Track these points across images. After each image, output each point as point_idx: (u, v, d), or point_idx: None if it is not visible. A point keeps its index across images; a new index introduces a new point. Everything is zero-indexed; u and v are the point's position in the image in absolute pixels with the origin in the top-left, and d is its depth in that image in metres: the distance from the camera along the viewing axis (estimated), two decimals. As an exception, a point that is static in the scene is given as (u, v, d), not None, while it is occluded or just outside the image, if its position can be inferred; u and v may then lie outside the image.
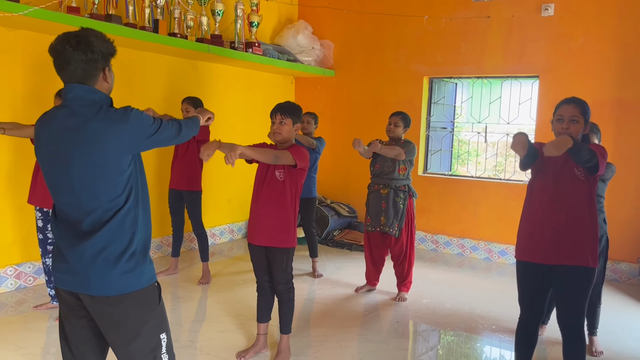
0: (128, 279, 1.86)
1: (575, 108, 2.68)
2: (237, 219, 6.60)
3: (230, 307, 4.22)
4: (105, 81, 1.91)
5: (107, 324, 1.88)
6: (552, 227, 2.70)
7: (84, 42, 1.83)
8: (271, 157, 2.93)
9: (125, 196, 1.86)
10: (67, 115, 1.85)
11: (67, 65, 1.84)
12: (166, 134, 1.98)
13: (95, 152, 1.79)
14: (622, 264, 5.31)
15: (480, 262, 5.94)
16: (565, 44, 5.50)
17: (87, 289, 1.84)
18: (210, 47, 5.29)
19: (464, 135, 6.86)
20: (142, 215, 1.93)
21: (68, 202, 1.87)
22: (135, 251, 1.88)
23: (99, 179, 1.82)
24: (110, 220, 1.83)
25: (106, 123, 1.81)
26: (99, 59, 1.87)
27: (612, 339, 3.82)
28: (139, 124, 1.86)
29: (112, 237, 1.83)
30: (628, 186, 5.23)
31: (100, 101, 1.87)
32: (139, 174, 1.94)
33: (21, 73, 4.37)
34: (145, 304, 1.92)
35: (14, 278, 4.43)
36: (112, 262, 1.83)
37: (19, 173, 4.39)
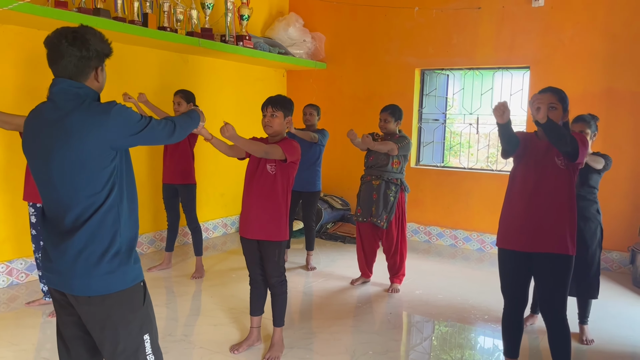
0: (110, 279, 1.83)
1: (552, 95, 2.71)
2: (230, 213, 6.60)
3: (224, 301, 4.23)
4: (96, 80, 1.89)
5: (91, 323, 1.87)
6: (532, 215, 2.73)
7: (80, 39, 1.81)
8: (262, 151, 2.94)
9: (106, 193, 1.82)
10: (49, 109, 1.83)
11: (60, 59, 1.82)
12: (155, 133, 1.94)
13: (75, 145, 1.76)
14: (613, 253, 5.35)
15: (473, 253, 5.97)
16: (555, 35, 5.51)
17: (70, 288, 1.83)
18: (201, 40, 5.26)
19: (456, 126, 6.88)
20: (126, 213, 1.89)
21: (50, 197, 1.85)
22: (118, 251, 1.85)
23: (78, 173, 1.79)
24: (90, 218, 1.80)
25: (87, 116, 1.78)
26: (93, 57, 1.85)
27: (603, 327, 3.85)
28: (121, 119, 1.82)
29: (93, 235, 1.80)
30: (618, 176, 5.26)
31: (85, 95, 1.84)
32: (125, 170, 1.90)
33: (11, 68, 4.33)
34: (128, 304, 1.89)
35: (6, 275, 4.42)
36: (93, 261, 1.80)
37: (10, 169, 4.36)
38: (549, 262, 2.72)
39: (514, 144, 2.71)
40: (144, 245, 5.54)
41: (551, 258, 2.71)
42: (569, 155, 2.63)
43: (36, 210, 3.81)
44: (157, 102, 4.98)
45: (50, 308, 3.92)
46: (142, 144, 1.94)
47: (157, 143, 2.02)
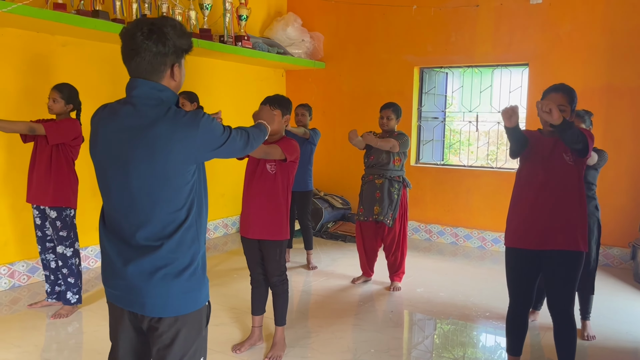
0: (186, 300, 1.72)
1: (563, 97, 2.69)
2: (231, 213, 6.60)
3: (225, 301, 4.24)
4: (172, 79, 1.73)
5: (157, 343, 1.75)
6: (542, 213, 2.72)
7: (157, 32, 1.65)
8: (262, 152, 2.94)
9: (187, 210, 1.69)
10: (130, 114, 1.67)
11: (134, 55, 1.66)
12: (235, 146, 1.83)
13: (160, 157, 1.63)
14: (614, 249, 5.36)
15: (473, 251, 5.98)
16: (554, 31, 5.51)
17: (141, 308, 1.71)
18: (199, 41, 5.27)
19: (456, 124, 6.88)
20: (204, 229, 1.78)
21: (123, 208, 1.70)
22: (196, 269, 1.74)
23: (161, 187, 1.65)
24: (172, 235, 1.67)
25: (174, 127, 1.63)
26: (170, 54, 1.68)
27: (604, 323, 3.86)
28: (209, 132, 1.69)
29: (173, 254, 1.68)
30: (619, 171, 5.27)
31: (168, 100, 1.70)
32: (202, 184, 1.77)
33: (11, 71, 4.33)
34: (196, 325, 1.78)
35: (8, 277, 4.42)
36: (170, 281, 1.68)
37: (12, 172, 4.37)
38: (560, 259, 2.71)
39: (523, 144, 2.71)
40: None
41: (562, 255, 2.70)
42: (580, 151, 2.63)
43: (40, 212, 3.82)
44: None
45: (53, 309, 3.94)
46: (220, 157, 1.83)
47: (232, 156, 1.91)
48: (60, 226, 3.76)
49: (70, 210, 3.79)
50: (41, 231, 3.87)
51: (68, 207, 3.76)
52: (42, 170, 3.71)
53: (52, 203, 3.71)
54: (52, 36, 4.55)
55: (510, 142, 2.72)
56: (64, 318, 3.81)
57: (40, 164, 3.72)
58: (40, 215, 3.84)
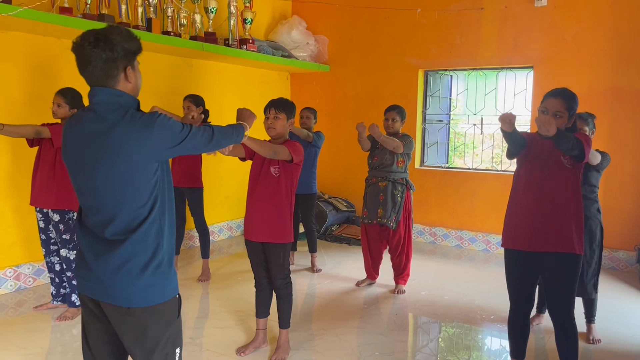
0: (152, 291, 1.81)
1: (561, 103, 2.69)
2: (235, 216, 6.61)
3: (230, 304, 4.24)
4: (127, 81, 1.81)
5: (127, 334, 1.84)
6: (538, 214, 2.72)
7: (103, 40, 1.73)
8: (271, 151, 2.94)
9: (150, 206, 1.79)
10: (92, 120, 1.77)
11: (87, 64, 1.75)
12: (195, 142, 1.89)
13: (120, 159, 1.73)
14: (619, 252, 5.33)
15: (478, 253, 5.96)
16: (559, 34, 5.50)
17: (111, 298, 1.79)
18: (204, 44, 5.29)
19: (460, 127, 6.87)
20: (168, 224, 1.86)
21: (93, 207, 1.81)
22: (160, 262, 1.82)
23: (124, 186, 1.75)
24: (135, 230, 1.77)
25: (131, 129, 1.73)
26: (120, 58, 1.76)
27: (609, 326, 3.84)
28: (165, 131, 1.77)
29: (137, 247, 1.78)
30: (624, 175, 5.25)
31: (126, 104, 1.80)
32: (166, 181, 1.86)
33: (16, 75, 4.36)
34: (165, 317, 1.86)
35: (14, 279, 4.45)
36: (137, 273, 1.77)
37: (18, 174, 4.40)
38: (556, 261, 2.71)
39: (520, 145, 2.72)
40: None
41: (558, 257, 2.71)
42: (576, 157, 2.64)
43: (43, 216, 3.85)
44: (162, 106, 4.97)
45: (58, 312, 3.95)
46: (183, 154, 1.90)
47: (196, 152, 1.97)
48: (64, 229, 3.77)
49: (73, 213, 3.81)
50: (45, 234, 3.89)
51: (71, 209, 3.78)
52: (45, 173, 3.73)
53: (55, 206, 3.73)
54: (58, 40, 4.58)
55: (508, 143, 2.73)
56: (69, 320, 3.82)
57: (44, 167, 3.75)
58: (43, 219, 3.86)
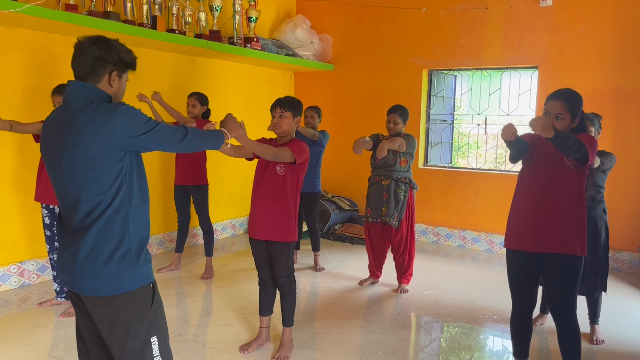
0: (119, 280, 1.84)
1: (562, 105, 2.68)
2: (239, 214, 6.62)
3: (233, 302, 4.25)
4: (109, 84, 1.90)
5: (100, 323, 1.89)
6: (540, 216, 2.72)
7: (102, 40, 1.87)
8: (272, 155, 2.93)
9: (114, 192, 1.83)
10: (62, 110, 1.89)
11: (79, 56, 1.87)
12: (164, 137, 1.91)
13: (83, 143, 1.79)
14: (623, 253, 5.32)
15: (481, 254, 5.96)
16: (564, 34, 5.49)
17: (80, 288, 1.86)
18: (209, 42, 5.30)
19: (464, 127, 6.86)
20: (136, 214, 1.89)
21: (63, 197, 1.89)
22: (127, 251, 1.86)
23: (86, 171, 1.81)
24: (99, 218, 1.82)
25: (94, 117, 1.80)
26: (110, 61, 1.87)
27: (613, 328, 3.83)
28: (127, 119, 1.82)
29: (101, 236, 1.82)
30: (628, 175, 5.23)
31: (95, 96, 1.86)
32: (136, 171, 1.90)
33: (20, 72, 4.38)
34: (136, 305, 1.89)
35: (18, 275, 4.46)
36: (102, 262, 1.82)
37: (23, 171, 4.41)
38: (558, 262, 2.71)
39: (522, 150, 2.73)
40: (153, 246, 5.58)
41: (560, 258, 2.70)
42: (580, 160, 2.63)
43: (49, 212, 3.86)
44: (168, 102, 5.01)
45: (62, 308, 3.96)
46: (151, 148, 1.92)
47: (166, 148, 1.98)
48: None
49: None
50: (50, 230, 3.90)
51: None
52: None
53: None
54: (63, 37, 4.59)
55: (510, 149, 2.73)
56: (73, 317, 3.83)
57: None
58: (49, 215, 3.87)
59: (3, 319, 3.82)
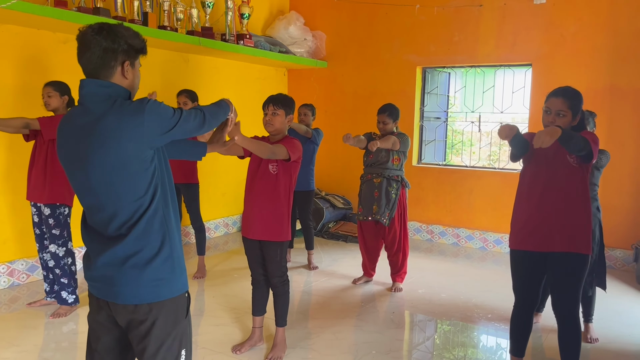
0: (158, 286, 1.73)
1: (563, 102, 2.66)
2: (232, 212, 6.58)
3: (226, 301, 4.21)
4: (123, 76, 1.75)
5: (135, 332, 1.77)
6: (545, 215, 2.70)
7: (107, 29, 1.71)
8: (268, 152, 2.88)
9: (150, 196, 1.72)
10: (80, 114, 1.72)
11: (86, 50, 1.71)
12: (189, 126, 1.82)
13: (112, 149, 1.65)
14: (616, 251, 5.33)
15: (475, 252, 5.95)
16: (557, 31, 5.48)
17: (116, 296, 1.73)
18: (201, 39, 5.24)
19: (458, 125, 6.85)
20: (173, 216, 1.79)
21: (91, 205, 1.75)
22: (168, 256, 1.75)
23: (119, 178, 1.68)
24: (137, 223, 1.70)
25: (120, 117, 1.66)
26: (120, 50, 1.71)
27: (607, 326, 3.83)
28: (156, 116, 1.70)
29: (140, 241, 1.71)
30: (622, 173, 5.24)
31: (115, 95, 1.72)
32: (165, 171, 1.80)
33: (10, 68, 4.31)
34: (172, 314, 1.79)
35: (7, 275, 4.40)
36: (141, 268, 1.71)
37: (13, 170, 4.35)
38: (564, 261, 2.69)
39: (523, 148, 2.70)
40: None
41: (566, 257, 2.68)
42: (584, 158, 2.61)
43: (38, 210, 3.81)
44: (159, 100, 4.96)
45: (52, 308, 3.91)
46: (177, 138, 1.84)
47: (189, 135, 1.88)
48: (54, 224, 3.73)
49: (64, 208, 3.76)
50: (39, 229, 3.86)
51: (63, 204, 3.74)
52: (39, 168, 3.69)
53: (47, 200, 3.68)
54: (53, 33, 4.53)
55: (512, 147, 2.70)
56: (63, 317, 3.79)
57: (38, 161, 3.70)
58: (37, 213, 3.82)
59: (-8, 319, 3.78)
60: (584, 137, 2.53)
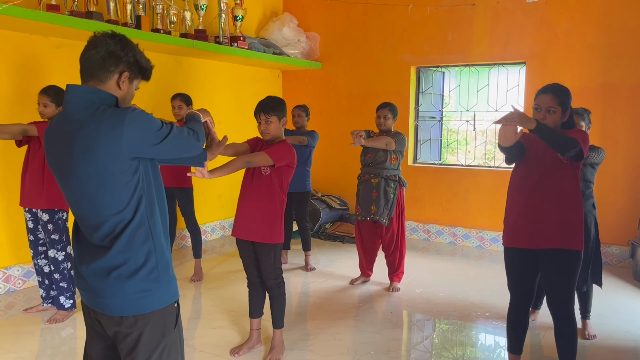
0: (144, 298, 1.70)
1: (553, 99, 2.67)
2: (228, 215, 6.56)
3: (223, 304, 4.20)
4: (117, 86, 1.71)
5: (121, 344, 1.75)
6: (536, 212, 2.71)
7: (121, 37, 1.71)
8: (242, 164, 2.92)
9: (133, 208, 1.67)
10: (64, 120, 1.68)
11: (91, 48, 1.68)
12: (181, 143, 1.76)
13: (90, 161, 1.61)
14: (613, 247, 5.34)
15: (472, 250, 5.96)
16: (551, 29, 5.50)
17: (102, 307, 1.72)
18: (195, 42, 5.24)
19: (453, 124, 6.86)
20: (159, 227, 1.75)
21: (77, 213, 1.73)
22: (153, 268, 1.72)
23: (98, 190, 1.64)
24: (120, 236, 1.66)
25: (98, 126, 1.60)
26: (125, 60, 1.69)
27: (604, 322, 3.84)
28: (137, 129, 1.63)
29: (124, 254, 1.67)
30: (616, 170, 5.25)
31: (99, 101, 1.66)
32: (153, 181, 1.74)
33: (4, 73, 4.29)
34: (160, 326, 1.76)
35: (3, 282, 4.38)
36: (126, 280, 1.68)
37: (7, 176, 4.33)
38: (556, 258, 2.70)
39: (519, 153, 2.72)
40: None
41: (558, 254, 2.69)
42: (574, 158, 2.62)
43: (32, 216, 3.79)
44: (152, 105, 4.95)
45: (48, 314, 3.89)
46: (168, 156, 1.77)
47: (184, 154, 1.82)
48: (52, 229, 3.71)
49: (62, 213, 3.75)
50: (33, 235, 3.84)
51: (61, 209, 3.73)
52: (34, 173, 3.67)
53: (45, 206, 3.67)
54: (45, 38, 4.51)
55: (506, 154, 2.72)
56: (60, 323, 3.77)
57: (33, 166, 3.69)
58: (32, 219, 3.80)
59: (-12, 326, 3.75)
60: (570, 136, 2.53)
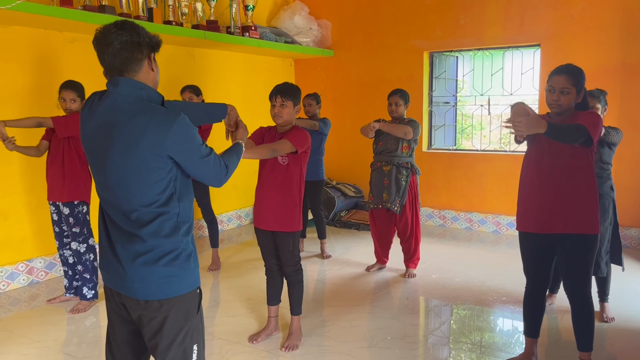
0: (169, 283, 1.75)
1: (567, 79, 2.64)
2: (244, 204, 6.62)
3: (241, 292, 4.25)
4: (150, 69, 1.76)
5: (146, 328, 1.80)
6: (549, 196, 2.69)
7: (128, 25, 1.70)
8: (269, 152, 2.93)
9: (163, 202, 1.73)
10: (109, 111, 1.71)
11: (108, 46, 1.67)
12: (210, 170, 1.81)
13: (132, 154, 1.67)
14: (631, 230, 5.28)
15: (488, 235, 5.93)
16: (565, 10, 5.40)
17: (128, 291, 1.76)
18: (207, 33, 5.25)
19: (468, 108, 6.80)
20: (186, 216, 1.80)
21: (108, 200, 1.78)
22: (179, 254, 1.77)
23: (133, 181, 1.69)
24: (149, 224, 1.72)
25: (148, 122, 1.66)
26: (144, 44, 1.71)
27: (623, 305, 3.81)
28: (185, 133, 1.70)
29: (152, 241, 1.73)
30: (635, 152, 5.17)
31: (148, 97, 1.73)
32: (184, 178, 1.80)
33: (19, 69, 4.35)
34: (184, 311, 1.80)
35: (26, 274, 4.48)
36: (152, 265, 1.73)
37: (29, 170, 4.41)
38: (570, 242, 2.68)
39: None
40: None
41: (572, 239, 2.67)
42: (584, 144, 2.59)
43: (56, 209, 3.87)
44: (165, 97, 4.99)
45: (72, 304, 3.98)
46: (193, 173, 1.80)
47: (206, 181, 1.85)
48: (74, 222, 3.79)
49: (83, 206, 3.82)
50: (59, 227, 3.93)
51: (82, 201, 3.80)
52: (56, 168, 3.76)
53: (66, 199, 3.75)
54: (59, 33, 4.56)
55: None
56: (82, 313, 3.85)
57: (55, 161, 3.77)
58: (56, 212, 3.89)
59: (13, 317, 3.85)
60: (577, 125, 2.50)
